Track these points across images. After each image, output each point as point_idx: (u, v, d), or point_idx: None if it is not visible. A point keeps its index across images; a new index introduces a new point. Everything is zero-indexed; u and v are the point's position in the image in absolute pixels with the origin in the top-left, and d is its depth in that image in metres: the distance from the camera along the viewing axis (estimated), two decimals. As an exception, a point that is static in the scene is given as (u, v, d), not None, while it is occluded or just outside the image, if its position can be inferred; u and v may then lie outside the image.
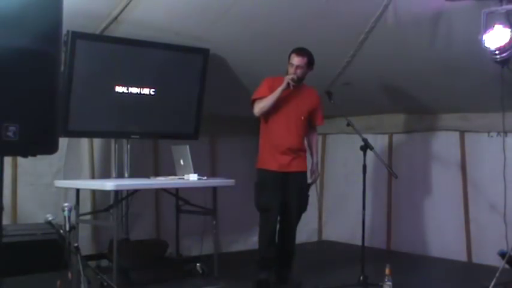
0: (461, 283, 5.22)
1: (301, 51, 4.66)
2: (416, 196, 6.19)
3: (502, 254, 4.45)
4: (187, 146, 4.85)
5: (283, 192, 4.71)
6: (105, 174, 5.35)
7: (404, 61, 5.16)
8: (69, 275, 3.45)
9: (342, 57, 5.39)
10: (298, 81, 4.67)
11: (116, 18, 4.52)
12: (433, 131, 6.10)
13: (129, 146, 5.16)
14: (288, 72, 4.67)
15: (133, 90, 4.95)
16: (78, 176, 5.27)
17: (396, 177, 4.87)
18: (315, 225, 7.04)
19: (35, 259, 3.92)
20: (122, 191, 4.80)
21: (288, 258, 4.90)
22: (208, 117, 5.56)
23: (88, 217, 5.05)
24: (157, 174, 5.43)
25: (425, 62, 5.07)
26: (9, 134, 2.63)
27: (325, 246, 6.89)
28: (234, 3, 4.52)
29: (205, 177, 4.92)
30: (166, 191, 5.24)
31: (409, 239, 6.22)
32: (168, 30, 4.76)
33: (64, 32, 3.96)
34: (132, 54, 4.88)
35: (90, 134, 5.10)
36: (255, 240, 4.89)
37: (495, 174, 5.04)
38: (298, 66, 4.65)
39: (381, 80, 5.65)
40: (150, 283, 4.78)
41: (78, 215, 4.63)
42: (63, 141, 5.04)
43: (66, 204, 3.44)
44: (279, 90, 4.64)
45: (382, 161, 4.94)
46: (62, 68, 4.20)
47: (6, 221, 4.15)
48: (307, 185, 4.87)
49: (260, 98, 4.71)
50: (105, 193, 4.73)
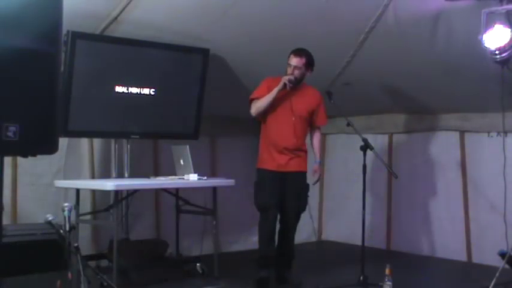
0: (461, 283, 5.22)
1: (299, 52, 4.65)
2: (416, 196, 6.18)
3: (502, 254, 4.45)
4: (187, 146, 4.85)
5: (282, 191, 4.72)
6: (105, 174, 5.34)
7: (404, 61, 5.16)
8: (69, 275, 3.45)
9: (342, 57, 5.39)
10: (295, 82, 4.66)
11: (116, 18, 4.52)
12: (433, 131, 6.09)
13: (129, 146, 5.16)
14: (287, 72, 4.66)
15: (133, 90, 4.95)
16: (78, 176, 5.27)
17: (396, 177, 4.87)
18: (314, 225, 7.04)
19: (35, 259, 3.91)
20: (121, 191, 4.80)
21: (288, 258, 4.90)
22: (208, 117, 5.56)
23: (88, 217, 5.05)
24: (157, 174, 5.43)
25: (425, 62, 5.07)
26: (9, 134, 2.62)
27: (325, 246, 6.88)
28: (234, 4, 4.52)
29: (205, 177, 4.91)
30: (166, 191, 5.24)
31: (409, 239, 6.21)
32: (168, 30, 4.76)
33: (64, 32, 3.97)
34: (132, 54, 4.89)
35: (90, 134, 5.10)
36: (255, 240, 4.89)
37: (495, 174, 5.05)
38: (296, 67, 4.64)
39: (380, 80, 5.65)
40: (150, 283, 4.79)
41: (78, 215, 4.64)
42: (63, 141, 5.03)
43: (66, 204, 3.43)
44: (275, 90, 4.63)
45: (382, 161, 4.94)
46: (62, 68, 4.20)
47: (6, 221, 4.14)
48: (307, 185, 4.87)
49: (258, 98, 4.71)
50: (105, 193, 4.73)
